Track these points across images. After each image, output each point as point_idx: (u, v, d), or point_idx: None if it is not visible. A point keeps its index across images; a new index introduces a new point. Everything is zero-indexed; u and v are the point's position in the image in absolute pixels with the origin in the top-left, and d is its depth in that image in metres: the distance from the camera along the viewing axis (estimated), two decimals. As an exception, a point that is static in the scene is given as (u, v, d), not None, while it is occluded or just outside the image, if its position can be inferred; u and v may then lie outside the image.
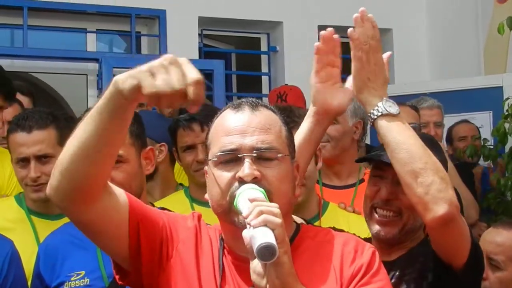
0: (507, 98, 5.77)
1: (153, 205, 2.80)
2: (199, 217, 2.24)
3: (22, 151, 3.12)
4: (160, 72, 1.81)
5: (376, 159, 2.59)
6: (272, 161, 2.05)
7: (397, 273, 2.51)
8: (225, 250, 2.13)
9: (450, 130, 5.93)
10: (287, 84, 6.14)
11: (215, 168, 2.06)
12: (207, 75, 6.79)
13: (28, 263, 2.85)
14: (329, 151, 3.71)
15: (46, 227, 3.04)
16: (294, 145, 2.18)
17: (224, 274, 2.09)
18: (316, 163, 3.09)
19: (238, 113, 2.10)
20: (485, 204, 5.43)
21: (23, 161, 3.15)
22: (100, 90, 6.34)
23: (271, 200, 1.97)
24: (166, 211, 2.29)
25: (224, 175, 2.04)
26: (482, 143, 5.79)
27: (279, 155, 2.05)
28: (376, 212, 2.55)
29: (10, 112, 4.37)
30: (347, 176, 3.77)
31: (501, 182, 5.42)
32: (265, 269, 1.83)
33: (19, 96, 4.76)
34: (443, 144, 5.41)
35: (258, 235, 1.80)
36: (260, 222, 1.82)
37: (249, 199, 1.91)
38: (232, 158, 2.04)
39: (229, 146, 2.04)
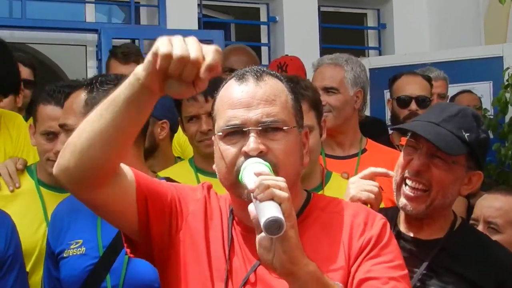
0: (507, 68, 5.77)
1: (157, 175, 2.82)
2: (209, 187, 2.24)
3: (52, 125, 3.09)
4: (177, 42, 1.81)
5: (411, 130, 2.55)
6: (278, 133, 2.03)
7: (431, 266, 2.46)
8: (234, 221, 2.13)
9: (452, 100, 5.94)
10: (287, 55, 6.11)
11: (221, 142, 2.05)
12: (207, 45, 6.78)
13: (35, 235, 2.90)
14: (331, 121, 3.71)
15: (55, 200, 3.03)
16: (301, 113, 2.15)
17: (232, 245, 2.10)
18: (321, 135, 3.09)
19: (242, 84, 2.06)
20: (485, 174, 5.43)
21: (50, 135, 3.13)
22: (99, 61, 6.31)
23: (277, 174, 1.96)
24: (175, 183, 2.29)
25: (230, 150, 2.03)
26: (482, 113, 5.79)
27: (285, 128, 2.04)
28: (406, 184, 2.51)
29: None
30: (350, 146, 3.78)
31: (502, 152, 5.43)
32: (272, 243, 1.81)
33: (20, 67, 4.76)
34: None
35: (265, 209, 1.78)
36: (267, 196, 1.79)
37: (255, 173, 1.89)
38: (237, 132, 2.03)
39: (233, 120, 2.03)
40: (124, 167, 2.07)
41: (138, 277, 2.32)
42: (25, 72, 4.72)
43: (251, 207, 1.83)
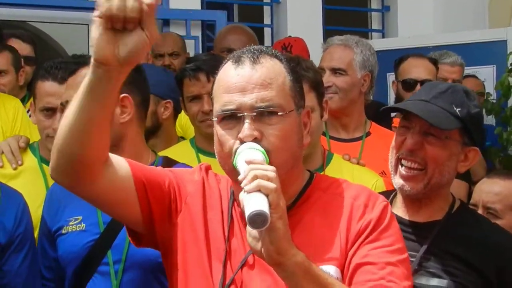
0: (511, 52, 5.73)
1: (156, 154, 2.81)
2: (207, 168, 2.24)
3: (51, 101, 3.10)
4: None
5: (402, 108, 2.55)
6: (274, 117, 2.01)
7: (430, 249, 2.44)
8: (235, 202, 2.12)
9: None
10: (290, 36, 6.09)
11: (218, 126, 2.05)
12: (210, 26, 6.74)
13: (37, 211, 2.88)
14: (337, 103, 3.70)
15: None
16: (301, 94, 2.12)
17: (232, 226, 2.10)
18: (322, 116, 3.08)
19: (238, 68, 2.04)
20: (487, 158, 5.41)
21: (48, 111, 3.13)
22: (101, 40, 6.27)
23: (271, 159, 1.95)
24: (172, 168, 2.29)
25: (226, 135, 2.02)
26: (485, 97, 5.76)
27: (280, 113, 2.01)
28: (401, 164, 2.50)
29: None
30: (354, 129, 3.77)
31: (504, 137, 5.42)
32: (260, 233, 1.81)
33: (20, 44, 4.75)
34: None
35: (250, 202, 1.77)
36: (253, 187, 1.78)
37: (245, 161, 1.88)
38: (233, 117, 2.01)
39: (229, 105, 2.01)
40: (117, 159, 2.08)
41: (141, 252, 2.32)
42: (25, 49, 4.73)
43: (240, 196, 1.82)
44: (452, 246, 2.45)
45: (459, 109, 2.46)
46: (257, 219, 1.75)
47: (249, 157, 1.89)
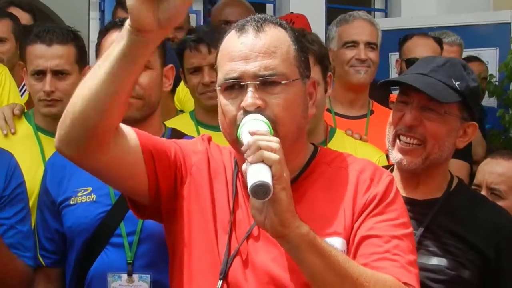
0: (516, 34, 5.71)
1: (165, 126, 2.79)
2: (209, 139, 2.21)
3: (40, 64, 3.10)
4: None
5: (399, 81, 2.50)
6: (277, 86, 1.97)
7: (429, 227, 2.42)
8: (239, 173, 2.09)
9: None
10: (292, 12, 6.04)
11: (221, 96, 2.01)
12: (212, 2, 6.68)
13: (34, 179, 2.85)
14: (369, 77, 3.76)
15: (53, 145, 2.96)
16: (307, 64, 2.08)
17: (237, 197, 2.07)
18: (326, 91, 3.03)
19: (242, 36, 2.01)
20: (489, 141, 5.39)
21: (39, 74, 3.12)
22: (102, 12, 6.22)
23: (275, 130, 1.92)
24: (175, 139, 2.25)
25: (229, 104, 1.99)
26: (488, 79, 5.72)
27: (284, 82, 1.98)
28: (400, 140, 2.46)
29: None
30: (361, 106, 3.77)
31: (506, 119, 5.39)
32: (263, 205, 1.78)
33: (18, 12, 4.70)
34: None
35: (253, 173, 1.75)
36: (257, 159, 1.76)
37: (249, 132, 1.85)
38: (236, 86, 1.98)
39: (232, 73, 1.98)
40: (125, 128, 2.03)
41: (157, 224, 2.28)
42: (24, 17, 4.67)
43: (243, 167, 1.79)
44: (451, 224, 2.43)
45: (458, 82, 2.42)
46: (260, 190, 1.73)
47: (253, 128, 1.86)
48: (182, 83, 3.66)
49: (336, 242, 1.94)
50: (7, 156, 2.75)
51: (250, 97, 1.94)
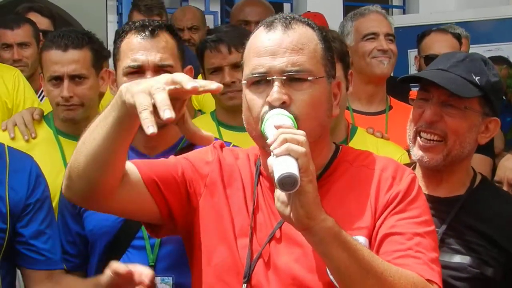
0: (535, 28, 5.66)
1: None
2: (221, 145, 2.21)
3: (56, 69, 3.10)
4: (157, 91, 1.78)
5: (419, 76, 2.49)
6: (304, 83, 1.97)
7: (452, 225, 2.40)
8: (261, 176, 2.09)
9: None
10: (309, 11, 6.04)
11: (247, 90, 2.01)
12: (229, 1, 6.69)
13: (54, 182, 2.84)
14: (389, 69, 3.74)
15: (73, 147, 2.96)
16: (332, 63, 2.09)
17: (257, 200, 2.06)
18: (347, 88, 3.02)
19: (270, 32, 2.01)
20: (510, 136, 5.37)
21: (56, 80, 3.12)
22: (120, 15, 6.25)
23: (299, 126, 1.91)
24: (184, 154, 2.25)
25: (255, 99, 1.99)
26: (508, 73, 5.68)
27: (310, 78, 1.98)
28: (420, 136, 2.44)
29: (20, 34, 4.34)
30: (379, 101, 3.74)
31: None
32: (289, 197, 1.78)
33: (38, 18, 4.72)
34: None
35: (280, 165, 1.75)
36: (283, 151, 1.75)
37: (275, 126, 1.84)
38: (262, 80, 1.98)
39: (259, 68, 1.98)
40: (126, 166, 2.06)
41: None
42: (44, 23, 4.69)
43: (269, 161, 1.79)
44: (474, 222, 2.41)
45: (478, 77, 2.41)
46: (287, 182, 1.73)
47: (278, 122, 1.86)
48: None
49: (359, 240, 1.93)
50: (28, 160, 2.75)
51: (276, 92, 1.94)
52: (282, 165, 1.74)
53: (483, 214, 2.42)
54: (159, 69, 2.51)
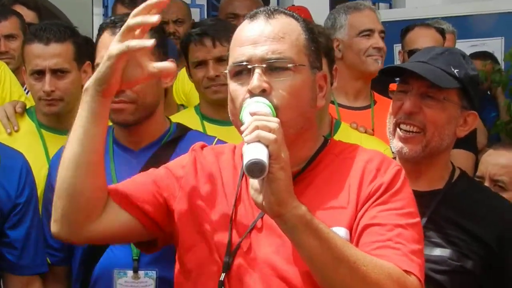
0: (521, 24, 5.68)
1: (170, 120, 2.79)
2: (203, 146, 2.22)
3: (38, 63, 3.08)
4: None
5: (398, 67, 2.50)
6: (285, 71, 1.97)
7: (432, 218, 2.41)
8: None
9: None
10: (293, 5, 6.03)
11: (231, 81, 2.02)
12: (215, -5, 6.68)
13: (37, 176, 2.83)
14: (381, 67, 3.69)
15: (56, 142, 3.01)
16: (317, 54, 2.08)
17: (240, 193, 2.07)
18: (331, 83, 3.02)
19: (253, 22, 2.02)
20: (494, 131, 5.39)
21: (38, 74, 3.11)
22: (105, 7, 6.22)
23: (279, 115, 1.91)
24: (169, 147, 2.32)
25: (237, 89, 1.99)
26: (493, 69, 5.71)
27: (290, 65, 1.97)
28: (400, 128, 2.45)
29: (7, 26, 4.32)
30: (365, 97, 3.74)
31: (512, 108, 5.39)
32: (262, 185, 1.79)
33: (23, 10, 4.69)
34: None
35: (249, 151, 1.75)
36: (253, 138, 1.76)
37: (250, 113, 1.85)
38: (244, 69, 1.98)
39: (240, 57, 1.98)
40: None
41: None
42: (29, 15, 4.65)
43: (243, 149, 1.79)
44: (453, 215, 2.42)
45: (457, 70, 2.44)
46: (254, 168, 1.73)
47: (254, 109, 1.86)
48: (186, 77, 3.65)
49: (340, 232, 1.93)
50: (20, 159, 2.74)
51: (256, 80, 1.94)
52: (251, 152, 1.74)
53: (462, 208, 2.44)
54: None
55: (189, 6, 5.49)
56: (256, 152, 1.74)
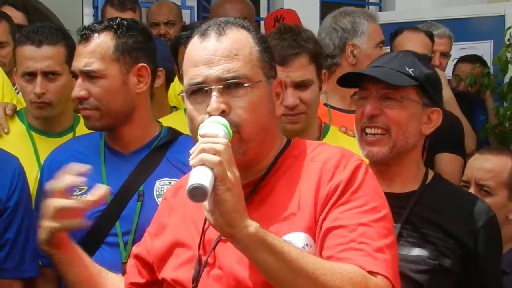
0: (509, 27, 5.69)
1: (161, 125, 2.80)
2: (176, 189, 2.23)
3: (30, 65, 3.06)
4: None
5: (354, 73, 2.56)
6: (242, 89, 1.97)
7: (408, 219, 2.43)
8: None
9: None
10: (282, 8, 6.04)
11: (188, 102, 2.02)
12: (206, -2, 6.69)
13: (28, 178, 2.83)
14: None
15: (47, 144, 3.03)
16: (271, 64, 2.08)
17: None
18: (320, 88, 3.03)
19: (204, 41, 2.01)
20: (483, 135, 5.41)
21: (30, 76, 3.09)
22: (95, 8, 6.22)
23: (241, 132, 1.94)
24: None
25: (195, 110, 1.99)
26: (482, 72, 5.72)
27: (247, 84, 1.98)
28: (366, 133, 2.49)
29: None
30: None
31: (500, 112, 5.40)
32: (212, 207, 1.79)
33: (12, 12, 4.68)
34: (445, 74, 5.27)
35: (192, 176, 1.75)
36: (197, 162, 1.76)
37: (200, 135, 1.84)
38: (200, 90, 1.98)
39: (196, 78, 1.98)
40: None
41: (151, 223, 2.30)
42: (18, 17, 4.64)
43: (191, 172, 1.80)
44: (429, 214, 2.45)
45: (412, 69, 2.49)
46: (196, 193, 1.72)
47: (205, 130, 1.86)
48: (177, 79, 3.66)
49: (299, 237, 1.92)
50: (14, 162, 2.74)
51: (214, 102, 1.94)
52: (193, 176, 1.74)
53: (438, 207, 2.47)
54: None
55: (180, 8, 5.50)
56: (199, 176, 1.73)
